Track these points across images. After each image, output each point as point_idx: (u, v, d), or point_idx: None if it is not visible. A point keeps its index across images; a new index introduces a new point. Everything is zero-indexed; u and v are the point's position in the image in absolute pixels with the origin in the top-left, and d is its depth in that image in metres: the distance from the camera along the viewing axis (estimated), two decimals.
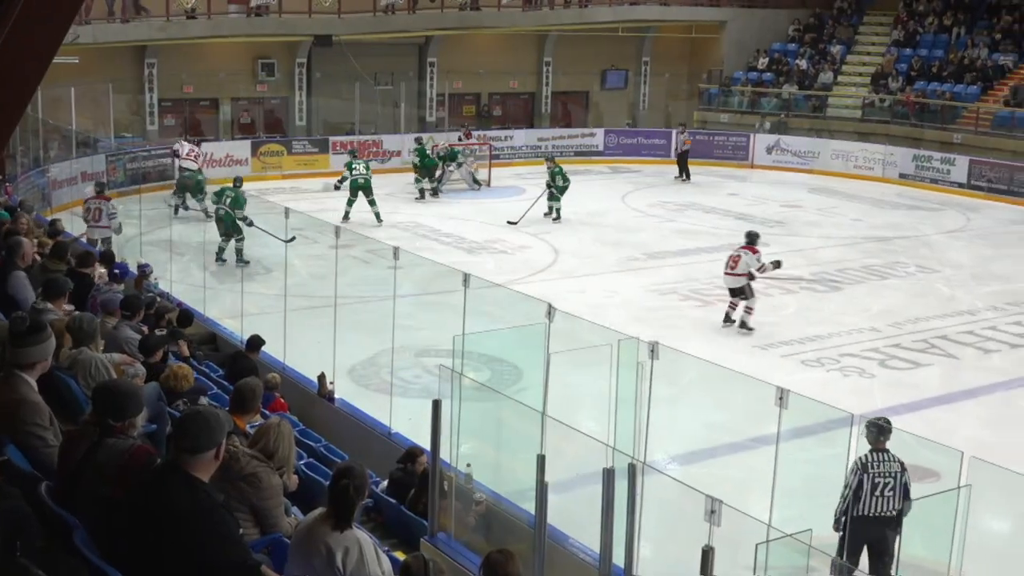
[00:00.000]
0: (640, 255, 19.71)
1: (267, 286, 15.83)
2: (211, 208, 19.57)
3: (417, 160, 25.42)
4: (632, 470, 6.50)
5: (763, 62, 34.44)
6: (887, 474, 7.95)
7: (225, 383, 9.45)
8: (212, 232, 18.09)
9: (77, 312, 8.01)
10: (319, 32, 28.66)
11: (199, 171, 22.71)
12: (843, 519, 8.04)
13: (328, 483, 5.10)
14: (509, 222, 22.00)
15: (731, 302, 15.57)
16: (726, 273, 15.57)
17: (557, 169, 22.77)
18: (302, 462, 8.21)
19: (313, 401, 10.87)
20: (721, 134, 32.09)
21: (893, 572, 6.35)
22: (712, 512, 5.41)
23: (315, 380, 10.98)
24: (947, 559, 5.80)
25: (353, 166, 21.91)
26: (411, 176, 26.10)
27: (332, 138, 28.69)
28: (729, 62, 34.86)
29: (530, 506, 6.73)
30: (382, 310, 11.33)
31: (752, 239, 15.65)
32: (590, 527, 6.62)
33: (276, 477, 5.79)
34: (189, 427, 4.27)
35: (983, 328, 15.81)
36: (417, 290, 14.56)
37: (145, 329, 9.62)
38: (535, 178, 25.87)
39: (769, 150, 31.11)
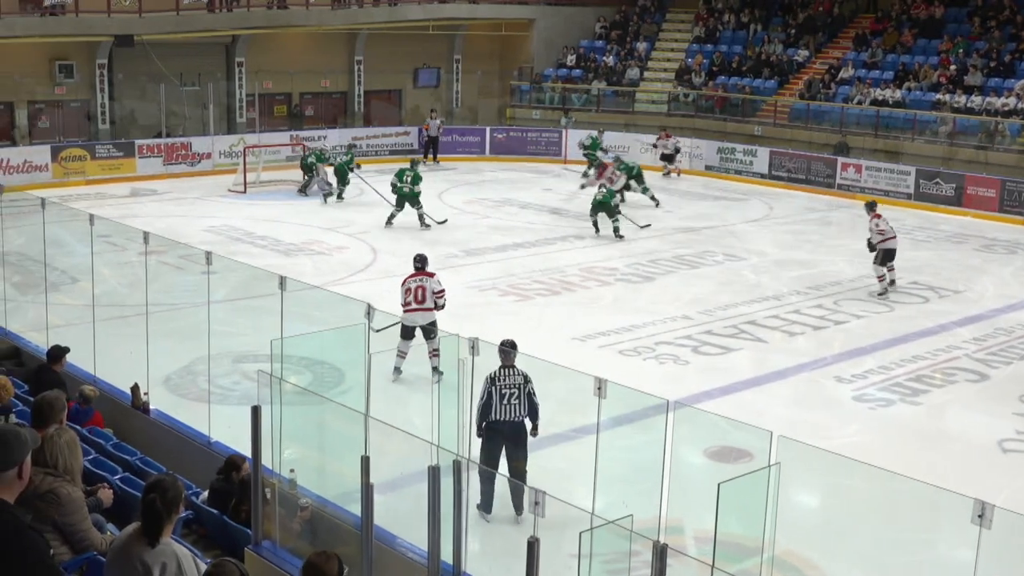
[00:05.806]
0: (459, 252, 19.79)
1: (73, 296, 15.21)
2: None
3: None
4: (457, 467, 6.54)
5: (572, 59, 35.10)
6: (512, 385, 9.41)
7: (31, 399, 9.05)
8: (9, 242, 17.21)
9: None
10: (119, 32, 27.63)
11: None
12: (483, 425, 9.42)
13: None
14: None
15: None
16: None
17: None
18: (117, 477, 7.95)
19: (127, 413, 10.50)
20: (534, 130, 32.55)
21: (711, 550, 6.53)
22: (536, 504, 5.50)
23: (128, 392, 10.62)
24: (761, 534, 6.02)
25: (404, 176, 21.62)
26: (224, 178, 25.94)
27: (138, 141, 27.77)
28: (539, 59, 35.42)
29: (356, 508, 6.68)
30: (197, 317, 11.04)
31: None
32: (418, 526, 6.62)
33: (76, 491, 5.56)
34: None
35: (788, 312, 16.52)
36: (233, 295, 14.25)
37: None
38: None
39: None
